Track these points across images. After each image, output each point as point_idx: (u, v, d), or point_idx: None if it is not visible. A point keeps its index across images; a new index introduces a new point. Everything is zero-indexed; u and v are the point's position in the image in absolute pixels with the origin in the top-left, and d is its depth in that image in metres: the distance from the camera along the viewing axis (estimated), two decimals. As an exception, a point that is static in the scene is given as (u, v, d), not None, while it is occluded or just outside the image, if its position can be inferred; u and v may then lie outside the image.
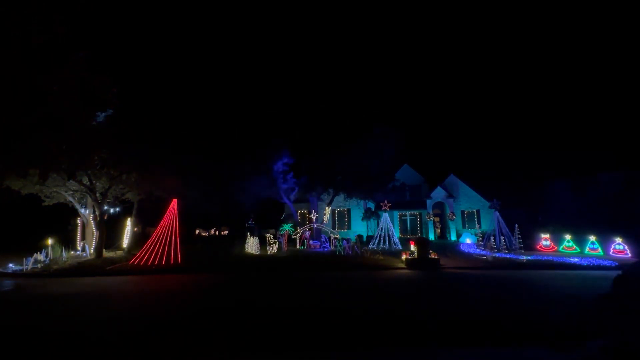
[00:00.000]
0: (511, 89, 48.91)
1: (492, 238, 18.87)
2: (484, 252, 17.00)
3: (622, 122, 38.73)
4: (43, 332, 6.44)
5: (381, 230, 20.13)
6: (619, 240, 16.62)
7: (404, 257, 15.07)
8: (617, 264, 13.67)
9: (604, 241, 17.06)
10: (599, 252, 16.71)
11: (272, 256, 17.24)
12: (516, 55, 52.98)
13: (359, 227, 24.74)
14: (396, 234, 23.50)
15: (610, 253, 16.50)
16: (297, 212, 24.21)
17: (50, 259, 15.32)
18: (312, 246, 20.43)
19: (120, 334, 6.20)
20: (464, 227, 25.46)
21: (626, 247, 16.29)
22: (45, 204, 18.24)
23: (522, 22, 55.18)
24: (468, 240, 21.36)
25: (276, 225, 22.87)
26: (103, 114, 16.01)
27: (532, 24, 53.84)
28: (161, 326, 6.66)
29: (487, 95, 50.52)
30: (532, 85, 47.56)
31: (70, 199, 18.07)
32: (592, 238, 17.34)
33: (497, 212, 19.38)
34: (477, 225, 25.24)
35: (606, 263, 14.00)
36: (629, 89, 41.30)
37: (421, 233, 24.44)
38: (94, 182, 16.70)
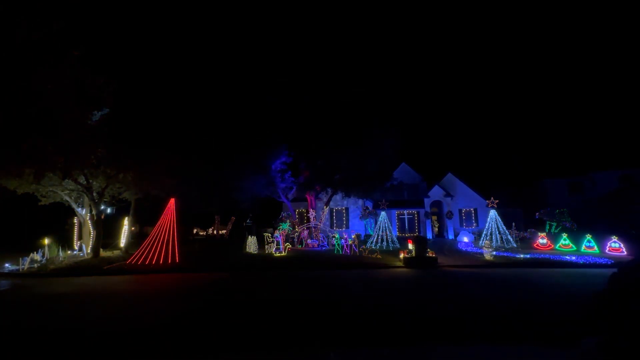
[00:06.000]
0: (509, 89, 49.09)
1: (489, 236, 18.96)
2: (481, 251, 17.07)
3: (618, 121, 38.99)
4: (38, 331, 6.41)
5: (379, 229, 20.16)
6: (614, 238, 16.74)
7: (402, 255, 15.11)
8: (613, 261, 13.77)
9: (600, 239, 17.17)
10: (595, 250, 16.83)
11: (270, 255, 17.24)
12: (514, 54, 53.15)
13: (357, 226, 24.77)
14: (394, 233, 23.55)
15: (606, 251, 16.61)
16: (295, 211, 24.19)
17: (46, 259, 15.23)
18: (310, 245, 20.44)
19: (116, 334, 6.18)
20: (461, 225, 25.55)
21: (622, 245, 16.41)
22: (42, 203, 18.10)
23: (520, 23, 55.34)
24: (465, 239, 21.44)
25: (274, 224, 22.85)
26: (99, 112, 15.93)
27: (530, 24, 54.02)
28: (159, 326, 6.64)
29: (485, 95, 50.67)
30: (530, 85, 47.75)
31: (67, 198, 17.95)
32: (588, 236, 17.46)
33: (494, 210, 19.47)
34: (474, 224, 25.35)
35: (602, 261, 14.10)
36: (625, 89, 41.56)
37: (419, 232, 24.49)
38: (90, 181, 16.60)
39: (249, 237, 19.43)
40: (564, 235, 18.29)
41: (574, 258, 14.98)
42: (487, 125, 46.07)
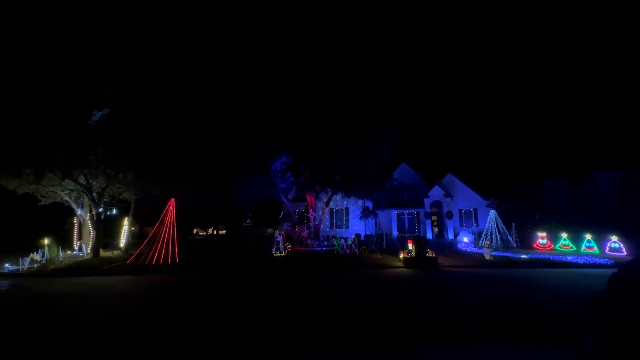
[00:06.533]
0: (509, 89, 49.11)
1: (489, 236, 18.96)
2: (481, 251, 17.07)
3: (618, 121, 38.99)
4: (37, 331, 6.40)
5: (379, 229, 20.15)
6: (614, 238, 16.74)
7: (401, 255, 15.11)
8: (612, 262, 13.78)
9: (600, 239, 17.17)
10: (595, 251, 16.83)
11: (270, 255, 17.23)
12: (514, 54, 53.17)
13: (357, 226, 24.75)
14: (394, 233, 23.54)
15: (606, 251, 16.62)
16: (295, 211, 24.19)
17: (46, 259, 15.22)
18: (310, 245, 20.43)
19: (116, 334, 6.18)
20: (461, 225, 25.53)
21: (622, 246, 16.41)
22: (42, 203, 18.11)
23: (520, 22, 55.37)
24: (465, 239, 21.45)
25: (274, 225, 22.84)
26: (99, 112, 15.93)
27: (530, 24, 54.06)
28: (157, 326, 6.64)
29: (485, 95, 50.68)
30: (530, 85, 47.74)
31: (67, 198, 17.95)
32: (588, 236, 17.46)
33: (494, 210, 19.46)
34: (474, 224, 25.33)
35: (602, 261, 14.11)
36: (625, 88, 41.57)
37: (419, 232, 24.49)
38: (90, 181, 16.60)
39: (249, 237, 19.44)
40: (564, 236, 18.30)
41: (573, 258, 14.98)
42: (487, 126, 46.08)
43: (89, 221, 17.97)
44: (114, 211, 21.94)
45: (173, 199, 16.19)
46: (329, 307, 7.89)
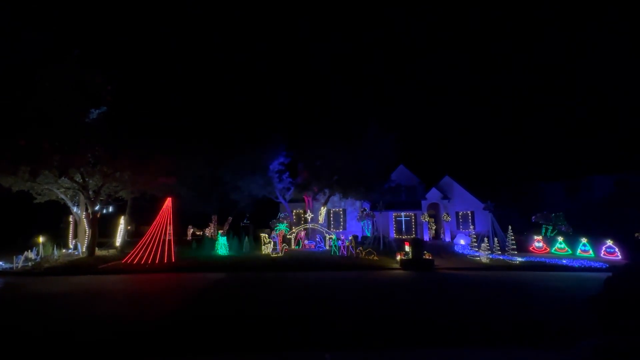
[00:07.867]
0: (506, 92, 49.42)
1: (485, 239, 19.03)
2: (477, 253, 17.12)
3: (614, 125, 39.36)
4: (30, 331, 6.33)
5: (376, 231, 20.16)
6: (609, 242, 16.87)
7: (398, 257, 15.12)
8: (607, 265, 13.88)
9: (595, 243, 17.29)
10: (590, 254, 16.94)
11: (267, 256, 17.18)
12: (512, 58, 53.55)
13: (355, 228, 24.74)
14: (391, 235, 23.57)
15: (601, 255, 16.73)
16: (292, 211, 24.15)
17: (41, 257, 15.08)
18: (307, 246, 20.40)
19: (111, 335, 6.12)
20: (458, 228, 25.59)
21: (617, 249, 16.53)
22: (37, 201, 17.95)
23: (519, 23, 55.79)
24: (462, 242, 21.51)
25: (272, 225, 22.78)
26: (97, 110, 15.84)
27: (528, 24, 54.48)
28: (154, 327, 6.59)
29: (483, 98, 50.99)
30: (528, 88, 48.09)
31: (62, 196, 17.80)
32: (584, 240, 17.57)
33: (491, 213, 19.53)
34: (471, 227, 25.39)
35: (597, 265, 14.20)
36: (623, 92, 41.99)
37: (416, 234, 24.52)
38: (86, 179, 16.47)
39: (246, 237, 19.38)
40: (560, 239, 18.40)
41: (569, 262, 15.06)
42: (485, 129, 46.36)
43: (84, 219, 17.81)
44: (110, 210, 21.77)
45: (169, 198, 16.11)
46: (326, 308, 7.87)
